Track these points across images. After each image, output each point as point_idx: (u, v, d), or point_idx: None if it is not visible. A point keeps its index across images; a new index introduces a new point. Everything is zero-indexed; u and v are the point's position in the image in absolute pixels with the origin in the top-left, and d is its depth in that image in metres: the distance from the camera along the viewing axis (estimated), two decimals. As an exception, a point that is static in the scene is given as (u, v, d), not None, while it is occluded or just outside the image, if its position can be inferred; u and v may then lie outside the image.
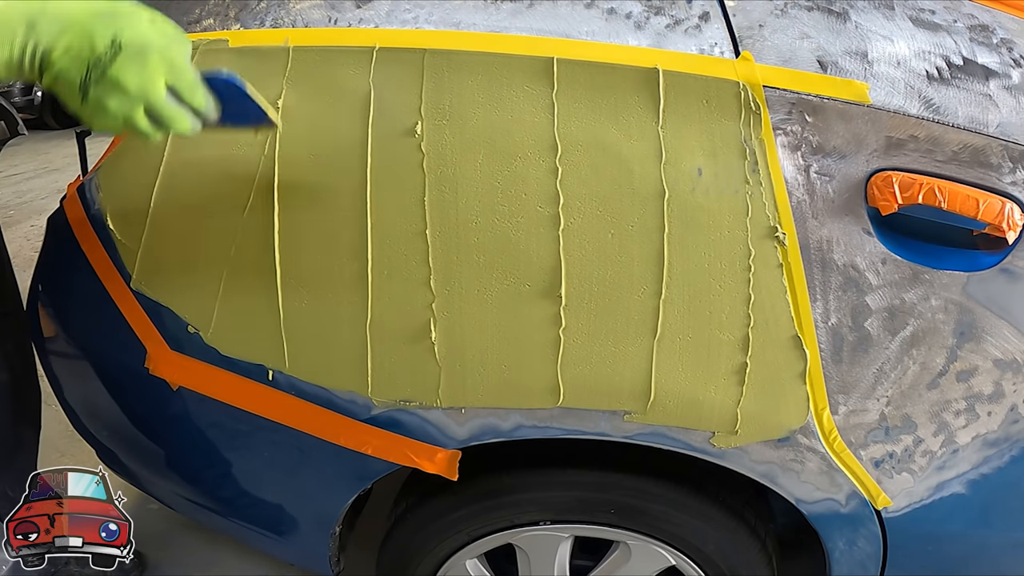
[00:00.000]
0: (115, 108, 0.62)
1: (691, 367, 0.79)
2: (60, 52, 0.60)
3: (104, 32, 0.61)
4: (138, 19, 0.62)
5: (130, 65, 0.61)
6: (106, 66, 0.60)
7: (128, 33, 0.61)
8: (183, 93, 0.65)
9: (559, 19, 0.77)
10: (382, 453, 0.89)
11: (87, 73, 0.61)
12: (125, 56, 0.61)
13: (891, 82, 0.74)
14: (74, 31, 0.60)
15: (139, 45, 0.61)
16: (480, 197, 0.77)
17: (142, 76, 0.62)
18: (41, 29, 0.60)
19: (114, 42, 0.60)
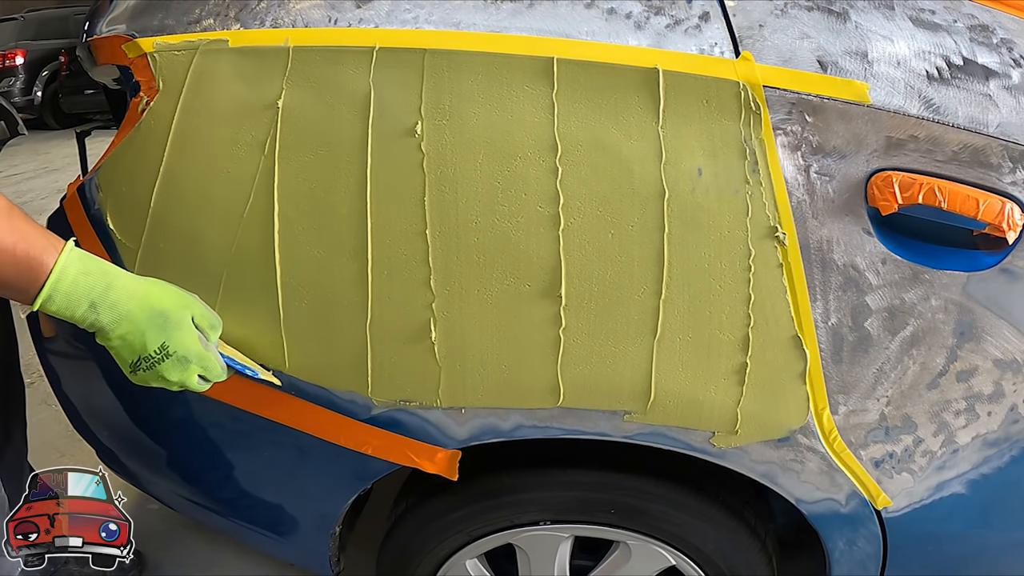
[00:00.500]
0: (157, 386, 0.76)
1: (691, 367, 0.79)
2: (116, 337, 0.72)
3: (155, 338, 0.73)
4: (185, 329, 0.75)
5: (174, 369, 0.74)
6: (154, 364, 0.74)
7: (175, 342, 0.74)
8: (209, 377, 0.78)
9: (559, 19, 0.77)
10: (382, 453, 0.89)
11: (138, 361, 0.74)
12: (171, 362, 0.74)
13: (891, 82, 0.74)
14: (129, 325, 0.72)
15: (183, 356, 0.74)
16: (480, 197, 0.77)
17: (183, 375, 0.75)
18: (101, 312, 0.71)
19: (162, 348, 0.73)
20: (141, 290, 0.74)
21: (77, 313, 0.70)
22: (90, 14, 1.00)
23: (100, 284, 0.71)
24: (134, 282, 0.74)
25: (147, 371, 0.74)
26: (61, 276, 0.69)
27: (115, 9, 0.92)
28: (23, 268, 0.67)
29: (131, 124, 0.83)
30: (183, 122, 0.81)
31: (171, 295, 0.76)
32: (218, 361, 0.78)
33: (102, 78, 1.08)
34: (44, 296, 0.68)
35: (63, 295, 0.69)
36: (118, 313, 0.72)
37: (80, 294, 0.70)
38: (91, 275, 0.71)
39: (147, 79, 0.82)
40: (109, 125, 1.28)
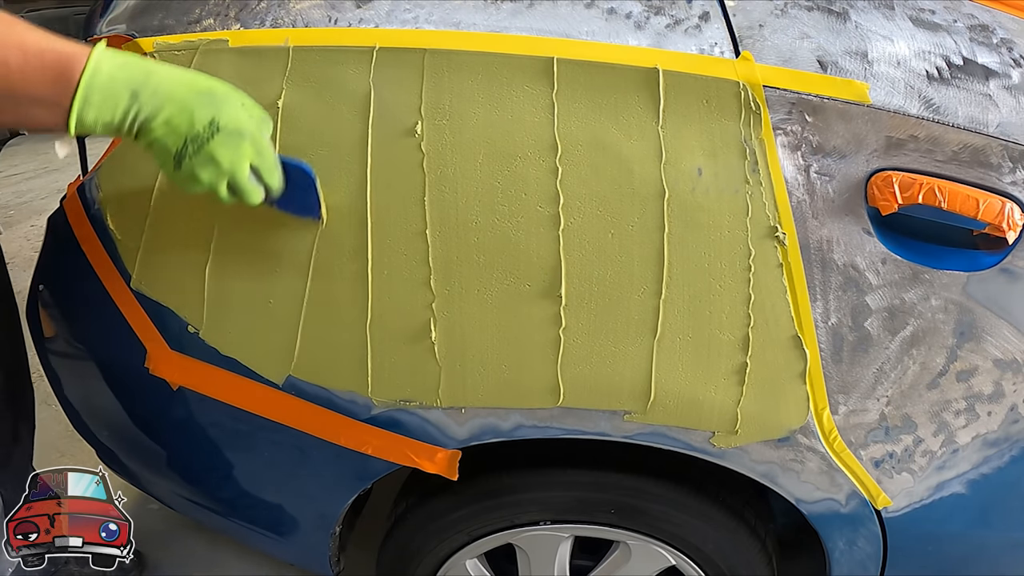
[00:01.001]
0: (205, 179, 0.69)
1: (691, 367, 0.79)
2: (160, 123, 0.66)
3: (204, 112, 0.67)
4: (234, 103, 0.69)
5: (225, 145, 0.67)
6: (203, 143, 0.67)
7: (226, 116, 0.67)
8: (263, 174, 0.72)
9: (559, 19, 0.77)
10: (382, 453, 0.89)
11: (184, 146, 0.67)
12: (222, 136, 0.67)
13: (891, 82, 0.74)
14: (175, 106, 0.66)
15: (234, 128, 0.68)
16: (480, 197, 0.77)
17: (234, 156, 0.68)
18: (144, 99, 0.65)
19: (212, 122, 0.67)
20: (182, 74, 0.68)
21: (118, 110, 0.64)
22: (90, 14, 1.00)
23: (139, 73, 0.65)
24: (175, 69, 0.69)
25: (195, 156, 0.67)
26: (96, 70, 0.63)
27: (115, 9, 0.92)
28: (52, 73, 0.61)
29: (131, 124, 0.83)
30: (183, 122, 0.81)
31: (216, 80, 0.70)
32: (270, 144, 0.72)
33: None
34: (80, 99, 0.62)
35: (101, 91, 0.63)
36: (161, 96, 0.66)
37: (119, 87, 0.64)
38: (128, 67, 0.65)
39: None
40: (109, 125, 1.28)
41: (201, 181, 0.69)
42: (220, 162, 0.68)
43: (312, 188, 0.77)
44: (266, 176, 0.72)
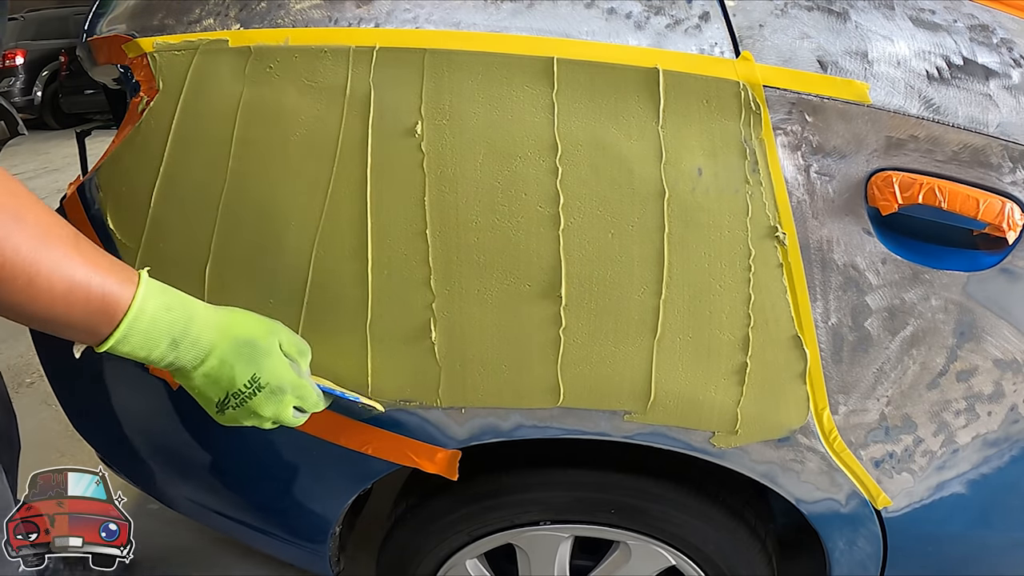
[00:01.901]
0: (248, 424, 0.70)
1: (691, 367, 0.79)
2: (200, 374, 0.65)
3: (245, 370, 0.66)
4: (275, 357, 0.68)
5: (267, 402, 0.68)
6: (246, 399, 0.67)
7: (267, 373, 0.67)
8: (306, 408, 0.73)
9: (559, 19, 0.77)
10: (382, 453, 0.89)
11: (226, 398, 0.67)
12: (264, 394, 0.67)
13: (891, 82, 0.74)
14: (215, 360, 0.65)
15: (276, 386, 0.68)
16: (480, 197, 0.77)
17: (277, 409, 0.69)
18: (183, 349, 0.63)
19: (253, 381, 0.66)
20: (223, 320, 0.67)
21: (154, 353, 0.62)
22: (90, 14, 1.00)
23: (181, 320, 0.63)
24: (214, 312, 0.67)
25: (237, 408, 0.67)
26: (139, 313, 0.60)
27: (115, 9, 0.92)
28: (96, 306, 0.58)
29: (131, 124, 0.83)
30: (183, 122, 0.81)
31: (255, 322, 0.70)
32: (314, 389, 0.73)
33: (102, 78, 1.08)
34: (118, 337, 0.60)
35: (140, 334, 0.61)
36: (201, 348, 0.64)
37: (160, 332, 0.62)
38: (172, 310, 0.63)
39: (147, 79, 0.82)
40: (109, 125, 1.28)
41: (244, 425, 0.70)
42: (262, 415, 0.69)
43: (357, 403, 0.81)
44: (309, 409, 0.73)
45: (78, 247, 0.58)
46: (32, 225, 0.54)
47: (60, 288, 0.55)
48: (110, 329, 0.59)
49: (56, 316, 0.57)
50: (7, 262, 0.52)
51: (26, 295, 0.54)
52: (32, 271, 0.53)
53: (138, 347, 0.61)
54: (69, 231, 0.58)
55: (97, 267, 0.58)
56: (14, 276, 0.53)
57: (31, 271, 0.53)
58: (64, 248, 0.57)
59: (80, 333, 0.60)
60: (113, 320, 0.59)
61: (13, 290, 0.53)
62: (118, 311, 0.59)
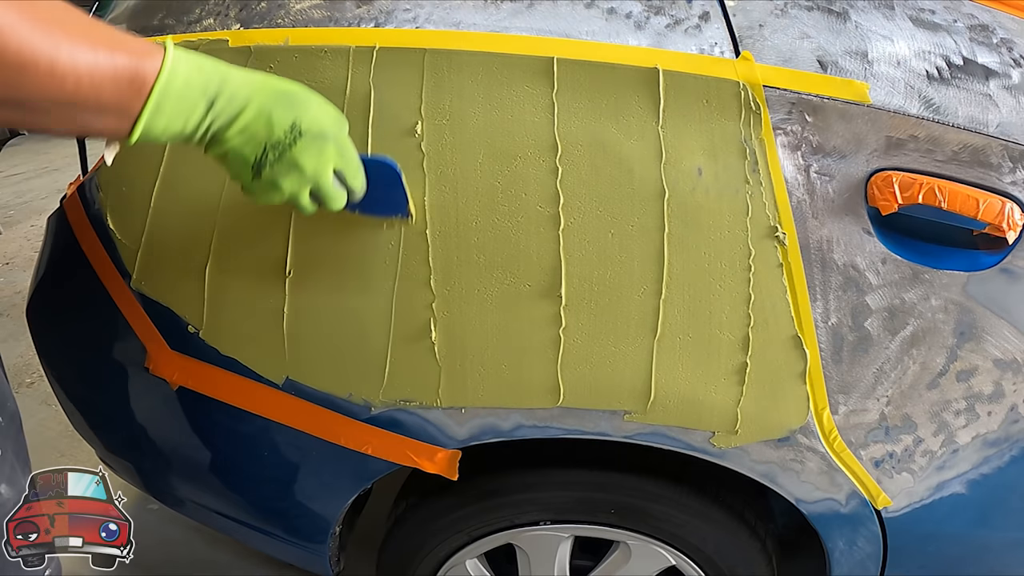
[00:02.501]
0: (287, 187, 0.64)
1: (691, 367, 0.79)
2: (236, 131, 0.61)
3: (284, 116, 0.61)
4: (314, 104, 0.64)
5: (309, 150, 0.63)
6: (285, 149, 0.62)
7: (308, 119, 0.62)
8: (347, 177, 0.67)
9: (559, 19, 0.77)
10: (382, 453, 0.89)
11: (264, 153, 0.61)
12: (305, 141, 0.62)
13: (891, 82, 0.74)
14: (252, 111, 0.61)
15: (317, 131, 0.63)
16: (480, 197, 0.77)
17: (318, 161, 0.64)
18: (219, 106, 0.59)
19: (294, 126, 0.62)
20: (258, 76, 0.62)
21: (192, 118, 0.58)
22: (90, 14, 1.00)
23: (215, 77, 0.59)
24: (250, 72, 0.62)
25: (276, 163, 0.62)
26: (172, 75, 0.55)
27: (115, 9, 0.92)
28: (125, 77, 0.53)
29: (131, 124, 0.83)
30: (183, 122, 0.81)
31: (291, 81, 0.65)
32: (354, 149, 0.67)
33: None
34: (152, 107, 0.55)
35: (175, 99, 0.56)
36: (238, 102, 0.60)
37: (194, 94, 0.57)
38: (204, 70, 0.58)
39: (147, 79, 0.82)
40: (109, 125, 1.27)
41: (282, 190, 0.64)
42: (304, 168, 0.63)
43: (398, 184, 0.75)
44: (350, 179, 0.68)
45: (98, 25, 0.54)
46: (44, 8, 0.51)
47: (84, 66, 0.51)
48: (142, 100, 0.54)
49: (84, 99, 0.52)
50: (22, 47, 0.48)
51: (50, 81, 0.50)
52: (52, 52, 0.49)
53: (173, 116, 0.56)
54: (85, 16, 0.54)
55: (120, 40, 0.54)
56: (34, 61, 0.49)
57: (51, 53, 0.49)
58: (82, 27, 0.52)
59: (112, 115, 0.55)
60: (144, 88, 0.54)
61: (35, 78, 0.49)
62: (148, 77, 0.54)
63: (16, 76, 0.49)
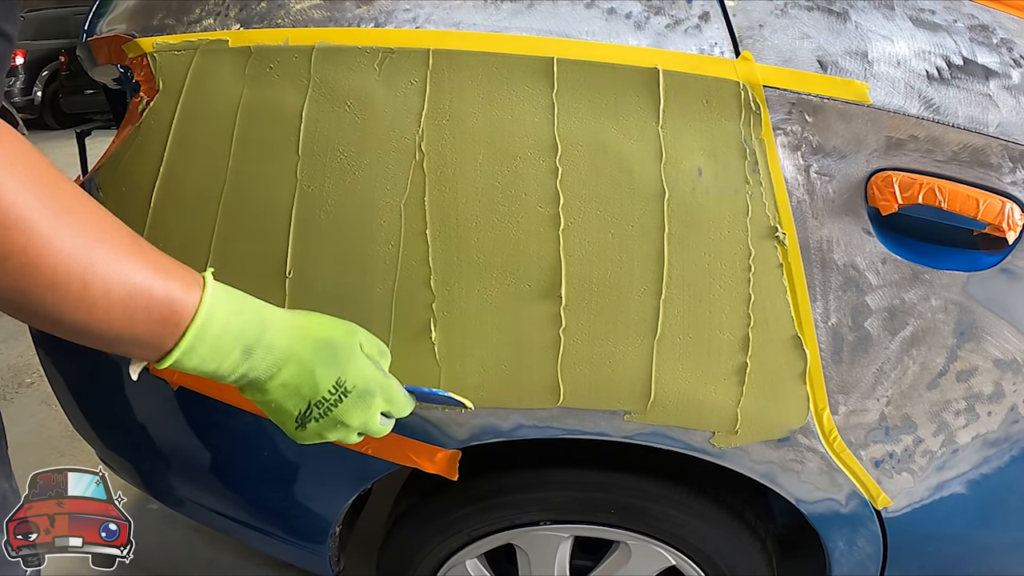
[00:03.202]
0: (333, 438, 0.62)
1: (691, 367, 0.79)
2: (277, 384, 0.58)
3: (328, 374, 0.58)
4: (359, 357, 0.61)
5: (356, 408, 0.60)
6: (330, 408, 0.59)
7: (352, 375, 0.60)
8: (394, 413, 0.66)
9: (559, 19, 0.77)
10: (382, 453, 0.89)
11: (308, 409, 0.59)
12: (352, 400, 0.60)
13: (891, 82, 0.74)
14: (294, 366, 0.57)
15: (363, 389, 0.60)
16: (480, 197, 0.77)
17: (365, 415, 0.62)
18: (257, 357, 0.56)
19: (339, 385, 0.59)
20: (298, 322, 0.59)
21: (224, 364, 0.54)
22: (90, 14, 1.00)
23: (254, 325, 0.55)
24: (287, 315, 0.59)
25: (321, 420, 0.60)
26: (208, 319, 0.52)
27: (115, 9, 0.92)
28: (160, 314, 0.50)
29: (131, 124, 0.83)
30: (183, 122, 0.81)
31: (333, 323, 0.62)
32: (400, 389, 0.65)
33: (102, 78, 1.08)
34: (184, 348, 0.51)
35: (210, 344, 0.53)
36: (277, 355, 0.57)
37: (231, 340, 0.54)
38: (243, 315, 0.55)
39: (147, 79, 0.82)
40: (109, 125, 1.28)
41: (327, 439, 0.62)
42: (349, 424, 0.61)
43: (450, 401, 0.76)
44: (397, 414, 0.66)
45: (136, 244, 0.50)
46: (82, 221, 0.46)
47: (118, 294, 0.47)
48: (175, 340, 0.51)
49: (114, 328, 0.48)
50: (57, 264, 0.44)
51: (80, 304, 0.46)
52: (86, 275, 0.46)
53: (207, 359, 0.53)
54: (122, 227, 0.50)
55: (158, 268, 0.50)
56: (67, 281, 0.45)
57: (85, 275, 0.45)
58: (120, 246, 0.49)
59: (141, 347, 0.51)
60: (178, 329, 0.51)
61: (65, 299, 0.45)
62: (184, 318, 0.51)
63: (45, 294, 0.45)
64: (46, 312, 0.46)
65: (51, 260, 0.44)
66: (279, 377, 0.58)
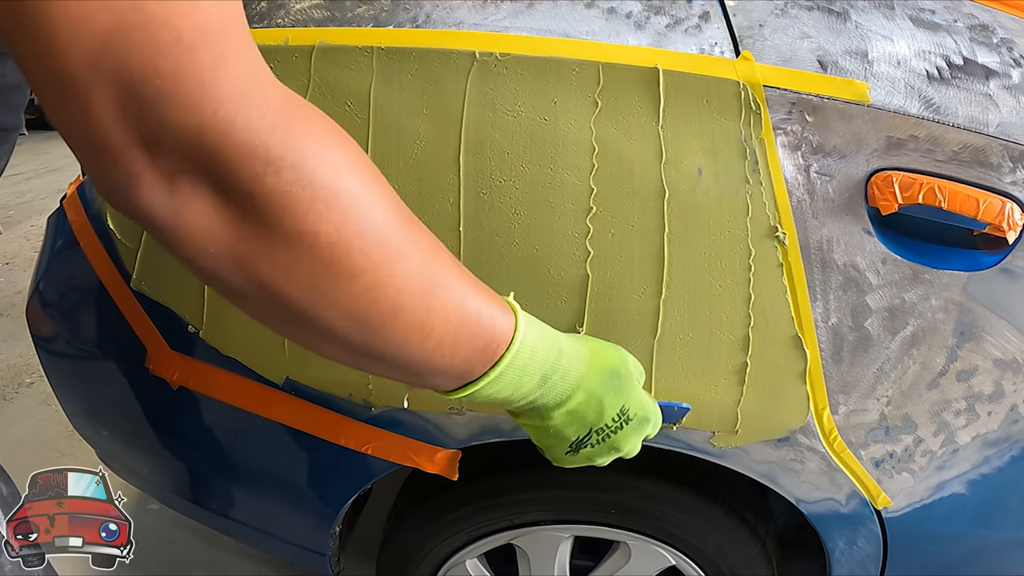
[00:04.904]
0: (600, 462, 0.62)
1: (691, 367, 0.79)
2: (563, 412, 0.56)
3: (614, 402, 0.58)
4: (636, 385, 0.61)
5: (632, 435, 0.60)
6: (610, 435, 0.59)
7: (634, 403, 0.59)
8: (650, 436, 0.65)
9: (559, 19, 0.77)
10: (382, 453, 0.89)
11: (587, 435, 0.58)
12: (631, 427, 0.60)
13: (891, 82, 0.74)
14: (583, 395, 0.56)
15: (643, 416, 0.60)
16: (479, 198, 0.77)
17: (635, 443, 0.62)
18: (551, 384, 0.53)
19: (623, 413, 0.58)
20: (584, 350, 0.58)
21: (520, 392, 0.51)
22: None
23: (553, 351, 0.53)
24: (573, 341, 0.57)
25: (597, 445, 0.59)
26: (521, 347, 0.49)
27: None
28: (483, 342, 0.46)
29: (131, 124, 0.83)
30: (183, 122, 0.81)
31: (609, 349, 0.61)
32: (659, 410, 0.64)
33: (102, 78, 1.08)
34: (493, 376, 0.48)
35: (516, 371, 0.50)
36: (569, 383, 0.55)
37: (535, 367, 0.51)
38: (545, 340, 0.52)
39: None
40: (109, 125, 1.28)
41: (595, 463, 0.62)
42: (620, 450, 0.61)
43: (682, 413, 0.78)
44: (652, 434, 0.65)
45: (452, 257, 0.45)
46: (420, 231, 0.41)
47: (454, 321, 0.43)
48: (486, 368, 0.48)
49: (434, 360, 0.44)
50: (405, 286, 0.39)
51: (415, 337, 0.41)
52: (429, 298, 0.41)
53: (506, 386, 0.50)
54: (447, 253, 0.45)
55: (478, 289, 0.46)
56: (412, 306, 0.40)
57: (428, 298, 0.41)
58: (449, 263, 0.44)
59: (443, 378, 0.47)
60: (494, 357, 0.48)
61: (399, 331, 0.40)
62: (501, 346, 0.48)
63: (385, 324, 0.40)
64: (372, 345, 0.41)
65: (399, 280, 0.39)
66: (567, 405, 0.56)
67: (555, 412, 0.56)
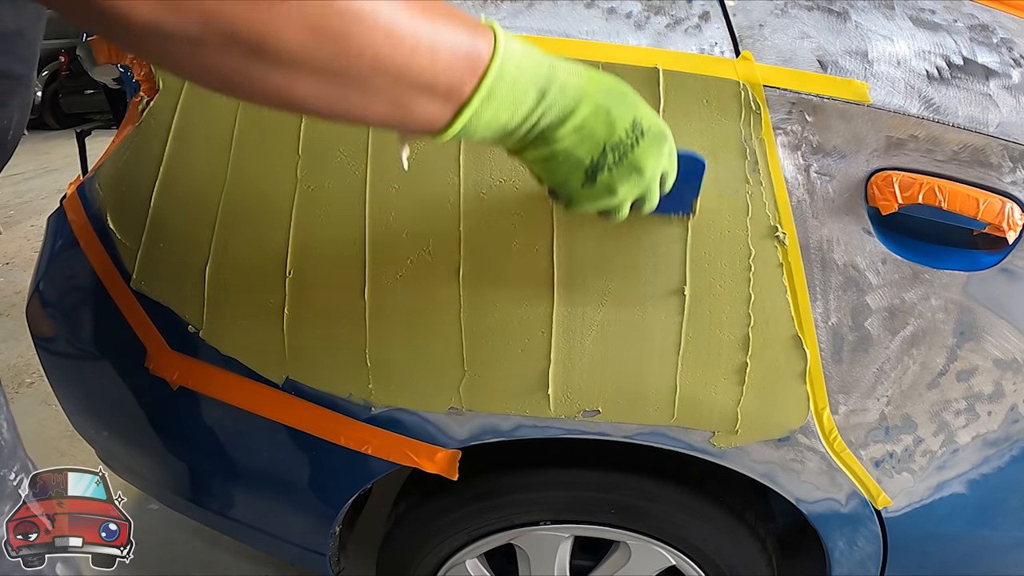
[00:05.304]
0: (623, 193, 0.57)
1: (691, 367, 0.79)
2: (569, 129, 0.53)
3: (624, 113, 0.54)
4: (643, 101, 0.57)
5: (651, 151, 0.56)
6: (627, 150, 0.55)
7: (647, 117, 0.56)
8: (667, 177, 0.61)
9: (559, 19, 0.77)
10: (382, 453, 0.89)
11: (602, 154, 0.54)
12: (647, 141, 0.55)
13: (891, 82, 0.74)
14: (588, 106, 0.53)
15: (658, 131, 0.57)
16: (479, 199, 0.77)
17: (657, 163, 0.57)
18: (551, 97, 0.51)
19: (635, 125, 0.55)
20: (579, 67, 0.54)
21: (520, 109, 0.50)
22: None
23: (544, 63, 0.50)
24: (567, 60, 0.54)
25: (617, 166, 0.54)
26: (506, 57, 0.47)
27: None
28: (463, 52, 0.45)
29: (131, 124, 0.83)
30: (183, 121, 0.81)
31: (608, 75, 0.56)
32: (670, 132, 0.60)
33: (102, 78, 1.08)
34: (484, 91, 0.47)
35: (508, 84, 0.48)
36: (571, 95, 0.52)
37: (528, 79, 0.49)
38: (532, 54, 0.50)
39: (147, 79, 0.82)
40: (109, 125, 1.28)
41: (618, 195, 0.57)
42: (644, 171, 0.56)
43: (697, 180, 0.70)
44: (669, 180, 0.61)
45: None
46: None
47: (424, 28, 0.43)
48: (474, 82, 0.46)
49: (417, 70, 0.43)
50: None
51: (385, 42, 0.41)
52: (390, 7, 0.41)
53: (503, 105, 0.48)
54: None
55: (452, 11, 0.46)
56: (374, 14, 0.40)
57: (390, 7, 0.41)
58: None
59: (437, 99, 0.46)
60: (478, 68, 0.46)
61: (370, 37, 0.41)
62: (483, 56, 0.46)
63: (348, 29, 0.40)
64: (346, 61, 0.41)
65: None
66: (573, 119, 0.52)
67: (561, 132, 0.53)
